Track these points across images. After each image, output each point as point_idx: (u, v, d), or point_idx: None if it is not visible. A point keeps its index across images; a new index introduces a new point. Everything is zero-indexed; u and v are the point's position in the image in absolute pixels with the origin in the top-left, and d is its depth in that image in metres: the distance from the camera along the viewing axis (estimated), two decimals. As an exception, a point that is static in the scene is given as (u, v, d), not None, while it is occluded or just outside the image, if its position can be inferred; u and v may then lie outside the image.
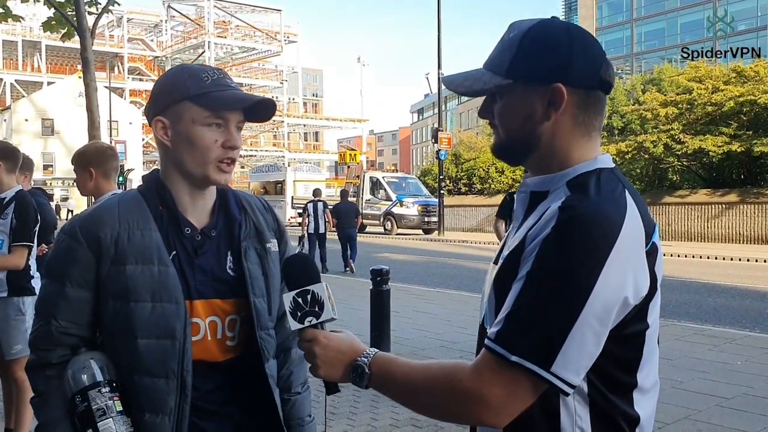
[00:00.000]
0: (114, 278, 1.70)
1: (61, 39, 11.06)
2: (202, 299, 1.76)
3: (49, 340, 1.74)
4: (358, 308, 8.19)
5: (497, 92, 1.47)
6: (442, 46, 30.48)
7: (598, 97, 1.44)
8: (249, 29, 73.14)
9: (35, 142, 52.89)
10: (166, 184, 1.81)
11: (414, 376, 1.40)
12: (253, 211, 1.92)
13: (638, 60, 59.98)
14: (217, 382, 1.78)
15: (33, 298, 4.57)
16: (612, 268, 1.25)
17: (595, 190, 1.34)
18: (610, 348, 1.31)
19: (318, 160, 70.32)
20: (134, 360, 1.70)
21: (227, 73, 1.85)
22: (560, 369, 1.25)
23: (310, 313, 1.52)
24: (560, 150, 1.43)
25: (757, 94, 23.38)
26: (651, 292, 1.34)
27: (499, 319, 1.32)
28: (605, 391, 1.34)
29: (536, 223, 1.36)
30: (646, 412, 1.40)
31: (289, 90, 77.76)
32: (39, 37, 61.39)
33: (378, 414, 5.54)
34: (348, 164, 39.98)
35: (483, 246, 24.38)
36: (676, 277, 10.11)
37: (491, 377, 1.29)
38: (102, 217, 1.76)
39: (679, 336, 8.35)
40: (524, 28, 1.44)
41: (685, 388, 6.26)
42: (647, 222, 1.36)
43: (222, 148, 1.75)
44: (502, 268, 1.42)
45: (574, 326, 1.24)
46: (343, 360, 1.48)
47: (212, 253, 1.81)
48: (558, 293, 1.26)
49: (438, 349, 7.85)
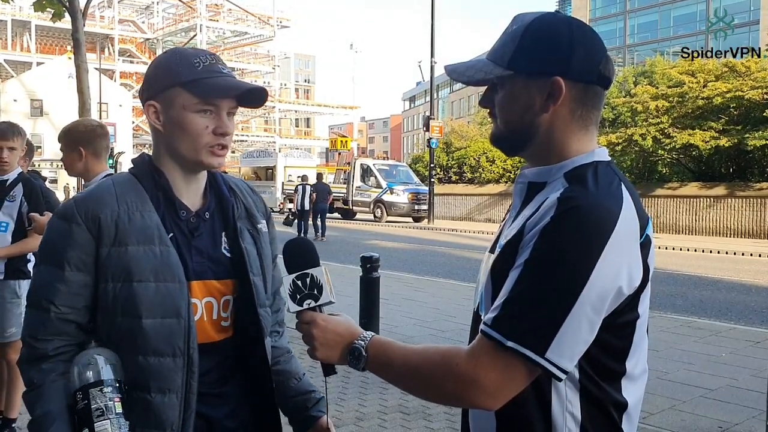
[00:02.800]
0: (115, 260, 1.70)
1: (52, 19, 10.98)
2: (199, 280, 1.78)
3: (47, 329, 1.71)
4: (347, 295, 8.21)
5: (498, 83, 1.50)
6: (435, 34, 30.42)
7: (597, 92, 1.47)
8: (241, 13, 72.62)
9: (24, 123, 51.68)
10: (159, 167, 1.82)
11: (411, 360, 1.44)
12: (242, 193, 1.95)
13: (631, 52, 60.03)
14: (211, 362, 1.80)
15: (29, 281, 4.57)
16: (608, 258, 1.28)
17: (593, 182, 1.38)
18: (601, 336, 1.34)
19: (309, 147, 70.15)
20: (139, 341, 1.69)
21: (220, 57, 1.85)
22: (555, 355, 1.29)
23: (309, 296, 1.56)
24: (558, 142, 1.47)
25: (744, 89, 23.43)
26: (643, 283, 1.38)
27: (496, 306, 1.35)
28: (596, 377, 1.38)
29: (534, 212, 1.39)
30: (634, 398, 1.44)
31: (281, 75, 77.45)
32: (29, 17, 60.77)
33: (366, 400, 5.57)
34: (339, 151, 39.94)
35: (473, 235, 24.45)
36: (663, 269, 10.19)
37: (487, 362, 1.32)
38: (102, 197, 1.75)
39: (665, 327, 8.42)
40: (527, 21, 1.47)
41: (671, 379, 6.32)
42: (641, 215, 1.39)
43: (213, 134, 1.76)
44: (500, 256, 1.44)
45: (570, 314, 1.28)
46: (341, 342, 1.52)
47: (207, 234, 1.83)
48: (555, 281, 1.29)
49: (427, 337, 7.88)
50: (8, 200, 4.41)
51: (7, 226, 4.41)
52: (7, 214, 4.40)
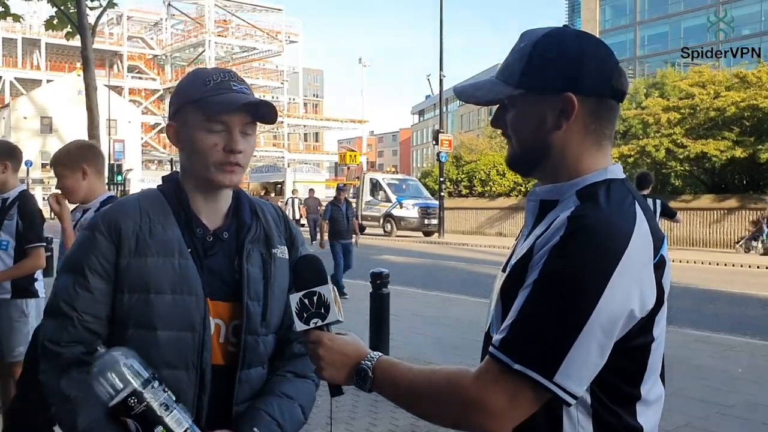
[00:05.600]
0: (134, 270, 1.71)
1: (66, 38, 11.05)
2: (210, 299, 1.76)
3: (71, 335, 1.69)
4: (357, 311, 8.14)
5: (509, 102, 1.47)
6: (444, 48, 30.47)
7: (610, 106, 1.44)
8: (250, 28, 73.16)
9: (34, 140, 52.87)
10: (182, 185, 1.83)
11: (417, 382, 1.41)
12: (264, 217, 1.92)
13: (641, 63, 59.94)
14: (214, 387, 1.76)
15: (36, 300, 4.55)
16: (619, 280, 1.24)
17: (605, 200, 1.34)
18: (614, 360, 1.30)
19: (318, 161, 70.36)
20: (152, 352, 1.69)
21: (237, 74, 1.83)
22: (563, 379, 1.25)
23: (316, 315, 1.54)
24: (571, 159, 1.43)
25: (759, 99, 23.34)
26: (657, 306, 1.34)
27: (504, 327, 1.32)
28: (608, 402, 1.34)
29: (545, 231, 1.36)
30: (650, 424, 1.40)
31: (290, 90, 77.68)
32: (39, 35, 61.41)
33: (377, 419, 5.50)
34: (348, 165, 40.03)
35: (484, 249, 24.35)
36: (677, 283, 10.12)
37: (494, 385, 1.29)
38: (124, 209, 1.79)
39: (679, 343, 8.32)
40: (534, 38, 1.44)
41: (686, 395, 6.22)
42: (656, 234, 1.35)
43: (223, 152, 1.75)
44: (510, 275, 1.42)
45: (579, 337, 1.24)
46: (347, 363, 1.50)
47: (222, 255, 1.82)
48: (564, 303, 1.26)
49: (438, 354, 7.81)
50: (8, 219, 4.38)
51: (8, 245, 4.39)
52: (7, 232, 4.38)
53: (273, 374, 1.90)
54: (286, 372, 1.90)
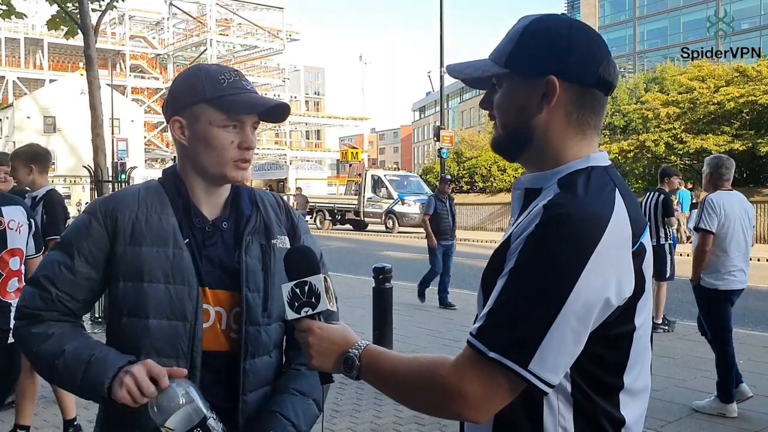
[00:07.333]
0: (129, 258, 1.76)
1: (65, 37, 11.07)
2: (210, 288, 1.80)
3: (46, 306, 1.77)
4: (360, 306, 8.19)
5: (497, 82, 1.48)
6: (444, 44, 30.44)
7: (596, 96, 1.43)
8: (251, 27, 72.94)
9: (37, 140, 52.57)
10: (182, 177, 1.87)
11: (399, 369, 1.42)
12: (264, 208, 1.95)
13: (641, 59, 59.78)
14: (219, 373, 1.80)
15: None
16: (594, 267, 1.24)
17: (583, 188, 1.34)
18: (594, 349, 1.30)
19: (320, 159, 70.25)
20: (144, 340, 1.74)
21: (242, 74, 1.88)
22: (538, 367, 1.25)
23: (307, 304, 1.55)
24: (553, 146, 1.43)
25: (757, 94, 23.32)
26: (637, 293, 1.32)
27: (481, 315, 1.34)
28: (589, 391, 1.34)
29: (523, 220, 1.37)
30: (634, 415, 1.39)
31: (291, 88, 77.54)
32: (41, 35, 61.27)
33: (381, 411, 5.56)
34: (350, 162, 39.98)
35: (485, 244, 24.36)
36: (678, 276, 10.13)
37: (470, 373, 1.29)
38: (125, 198, 1.84)
39: (681, 335, 8.37)
40: (527, 21, 1.45)
41: (688, 387, 6.28)
42: (636, 222, 1.34)
43: (238, 149, 1.81)
44: (489, 264, 1.43)
45: (553, 325, 1.24)
46: (335, 351, 1.50)
47: (222, 244, 1.85)
48: (538, 291, 1.25)
49: (440, 348, 7.87)
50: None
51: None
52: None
53: (286, 367, 1.94)
54: (299, 365, 1.92)
